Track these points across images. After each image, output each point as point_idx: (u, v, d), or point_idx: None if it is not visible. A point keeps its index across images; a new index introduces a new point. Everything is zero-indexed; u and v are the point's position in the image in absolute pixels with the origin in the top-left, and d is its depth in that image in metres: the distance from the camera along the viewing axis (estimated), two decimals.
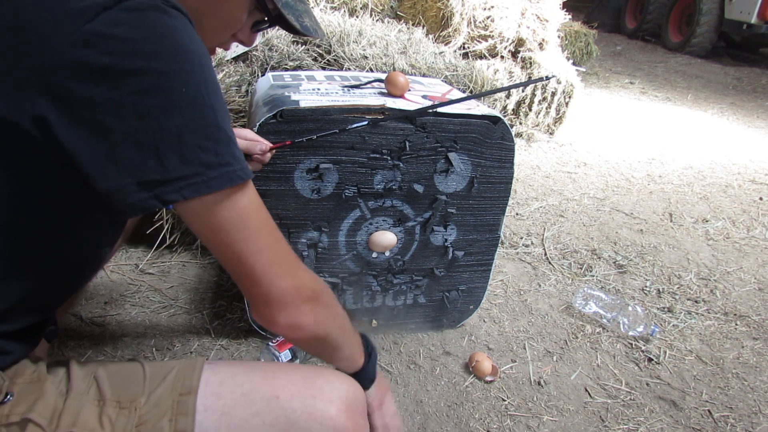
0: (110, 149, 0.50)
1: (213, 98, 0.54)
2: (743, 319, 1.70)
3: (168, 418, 0.60)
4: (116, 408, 0.60)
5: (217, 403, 0.63)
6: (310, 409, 0.64)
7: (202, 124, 0.53)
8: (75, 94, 0.49)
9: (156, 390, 0.62)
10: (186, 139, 0.52)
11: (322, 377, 0.69)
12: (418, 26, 2.67)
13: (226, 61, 1.83)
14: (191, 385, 0.63)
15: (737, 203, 2.63)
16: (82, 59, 0.48)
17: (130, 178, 0.51)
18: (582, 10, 8.63)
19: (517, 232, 2.11)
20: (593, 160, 3.05)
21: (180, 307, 1.49)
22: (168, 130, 0.51)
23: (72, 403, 0.59)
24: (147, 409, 0.61)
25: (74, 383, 0.61)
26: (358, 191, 1.22)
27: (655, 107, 4.53)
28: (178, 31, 0.52)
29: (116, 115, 0.50)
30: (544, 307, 1.67)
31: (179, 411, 0.61)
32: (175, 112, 0.51)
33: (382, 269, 1.35)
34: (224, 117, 0.56)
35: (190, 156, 0.52)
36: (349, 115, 1.13)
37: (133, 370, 0.65)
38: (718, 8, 6.58)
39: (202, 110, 0.53)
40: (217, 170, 0.54)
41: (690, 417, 1.30)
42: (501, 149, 1.26)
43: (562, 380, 1.38)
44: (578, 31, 4.79)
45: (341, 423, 0.64)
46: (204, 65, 0.54)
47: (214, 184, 0.54)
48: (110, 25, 0.49)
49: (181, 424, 0.60)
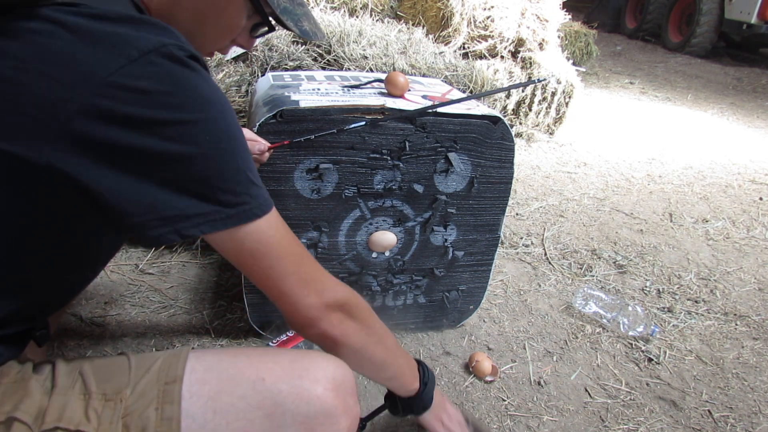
0: (135, 188, 0.55)
1: (234, 143, 0.59)
2: (743, 319, 1.70)
3: (154, 407, 0.60)
4: (102, 401, 0.60)
5: (203, 389, 0.62)
6: (297, 389, 0.63)
7: (223, 169, 0.58)
8: (99, 138, 0.52)
9: (141, 380, 0.62)
10: (208, 182, 0.57)
11: (308, 358, 0.68)
12: (418, 26, 2.67)
13: (226, 61, 1.83)
14: (176, 373, 0.63)
15: (737, 203, 2.63)
16: (107, 107, 0.51)
17: (152, 214, 0.56)
18: (582, 10, 8.63)
19: (517, 232, 2.11)
20: (593, 160, 3.05)
21: (180, 307, 1.49)
22: (192, 174, 0.56)
23: (57, 399, 0.59)
24: (133, 399, 0.61)
25: (59, 380, 0.61)
26: (358, 191, 1.22)
27: (655, 107, 4.53)
28: (200, 83, 0.57)
29: (141, 160, 0.54)
30: (544, 307, 1.67)
31: (165, 400, 0.61)
32: (199, 158, 0.56)
33: (382, 269, 1.35)
34: (244, 156, 0.61)
35: (211, 195, 0.57)
36: (349, 115, 1.13)
37: (119, 362, 0.65)
38: (718, 8, 6.58)
39: (224, 156, 0.58)
40: (234, 209, 0.59)
41: (690, 417, 1.30)
42: (501, 149, 1.26)
43: (562, 380, 1.38)
44: (578, 31, 4.79)
45: (329, 401, 0.63)
46: (225, 112, 0.59)
47: (230, 221, 0.59)
48: (136, 78, 0.52)
49: (168, 412, 0.60)
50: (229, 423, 0.61)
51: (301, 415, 0.62)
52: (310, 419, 0.62)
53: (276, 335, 1.30)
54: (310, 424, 0.62)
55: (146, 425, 0.59)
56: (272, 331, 1.35)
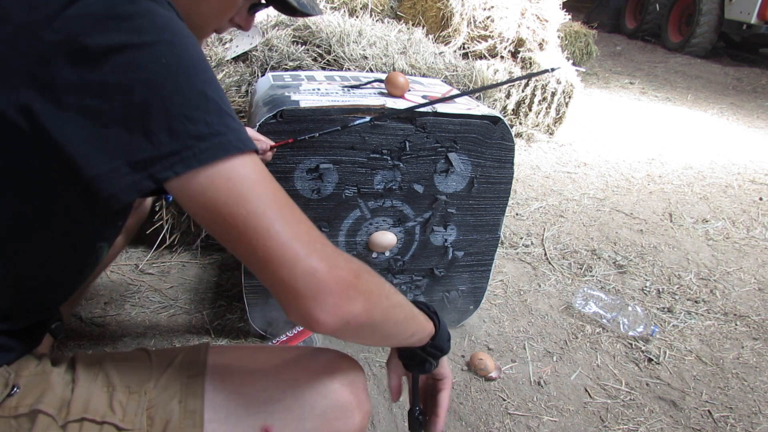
0: (99, 132, 0.49)
1: (198, 69, 0.51)
2: (743, 319, 1.70)
3: (177, 400, 0.61)
4: (126, 393, 0.61)
5: (225, 383, 0.64)
6: (315, 384, 0.65)
7: (187, 95, 0.50)
8: (58, 79, 0.48)
9: (164, 374, 0.63)
10: (172, 110, 0.49)
11: (324, 355, 0.69)
12: (418, 26, 2.67)
13: (226, 61, 1.83)
14: (198, 368, 0.64)
15: (737, 203, 2.63)
16: (62, 43, 0.48)
17: (122, 160, 0.49)
18: (582, 10, 8.63)
19: (517, 232, 2.11)
20: (593, 160, 3.05)
21: (180, 307, 1.49)
22: (153, 104, 0.48)
23: (80, 391, 0.60)
24: (156, 392, 0.62)
25: (80, 373, 0.62)
26: (358, 191, 1.22)
27: (655, 107, 4.53)
28: (158, 10, 0.51)
29: (101, 95, 0.48)
30: (544, 307, 1.67)
31: (188, 393, 0.62)
32: (157, 84, 0.49)
33: (382, 269, 1.35)
34: (214, 88, 0.52)
35: (179, 129, 0.49)
36: (349, 116, 1.13)
37: (140, 357, 0.66)
38: (718, 8, 6.58)
39: (188, 80, 0.50)
40: (208, 141, 0.49)
41: (690, 417, 1.30)
42: (501, 149, 1.26)
43: (562, 380, 1.38)
44: (578, 31, 4.79)
45: (344, 397, 0.65)
46: (185, 37, 0.51)
47: (205, 156, 0.49)
48: (88, 7, 0.48)
49: (191, 405, 0.61)
50: (250, 415, 0.63)
51: (318, 409, 0.64)
52: (327, 413, 0.64)
53: (276, 335, 1.30)
54: (327, 417, 0.64)
55: (170, 418, 0.60)
56: (272, 330, 1.35)
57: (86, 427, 0.58)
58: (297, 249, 0.50)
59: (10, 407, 0.57)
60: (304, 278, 0.49)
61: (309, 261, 0.50)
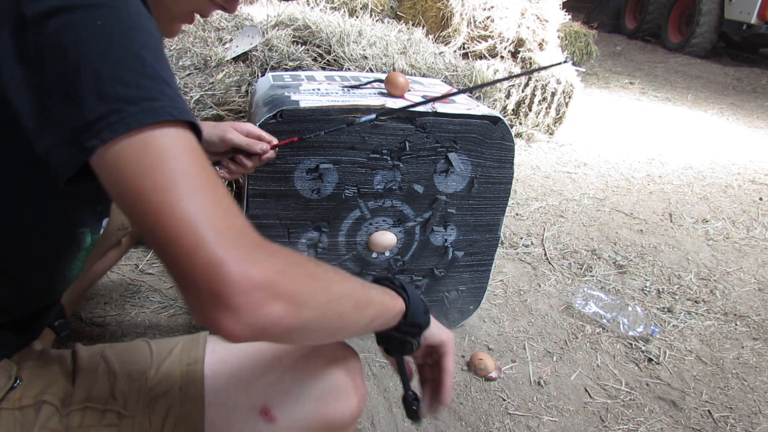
0: (43, 103, 0.45)
1: (139, 34, 0.46)
2: (743, 320, 1.70)
3: (178, 386, 0.63)
4: (127, 381, 0.62)
5: (224, 368, 0.65)
6: (312, 368, 0.66)
7: (121, 56, 0.45)
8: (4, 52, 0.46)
9: (164, 363, 0.64)
10: (102, 72, 0.44)
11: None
12: (418, 26, 2.67)
13: (226, 62, 1.83)
14: (198, 355, 0.65)
15: (737, 203, 2.63)
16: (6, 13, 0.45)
17: (61, 131, 0.44)
18: (582, 10, 8.63)
19: (517, 232, 2.11)
20: (593, 161, 3.05)
21: (180, 307, 1.49)
22: (83, 65, 0.44)
23: (83, 381, 0.61)
24: (157, 380, 0.63)
25: (82, 363, 0.63)
26: (358, 191, 1.22)
27: (655, 107, 4.53)
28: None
29: (39, 64, 0.44)
30: (544, 307, 1.67)
31: (188, 380, 0.63)
32: (89, 45, 0.44)
33: (382, 269, 1.35)
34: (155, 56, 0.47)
35: (109, 91, 0.43)
36: (349, 116, 1.13)
37: (140, 347, 0.67)
38: (718, 8, 6.58)
39: (124, 42, 0.45)
40: (139, 105, 0.43)
41: (690, 417, 1.30)
42: (501, 149, 1.26)
43: (562, 380, 1.38)
44: (578, 31, 4.78)
45: (341, 380, 0.66)
46: (131, 5, 0.47)
47: (133, 120, 0.43)
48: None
49: (192, 391, 0.63)
50: (250, 397, 0.63)
51: (316, 391, 0.65)
52: (325, 395, 0.65)
53: None
54: (325, 399, 0.65)
55: (171, 404, 0.62)
56: None
57: (89, 414, 0.59)
58: (204, 233, 0.41)
59: (14, 399, 0.58)
60: (206, 271, 0.40)
61: (216, 250, 0.40)
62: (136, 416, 0.61)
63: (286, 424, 0.63)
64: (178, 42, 1.86)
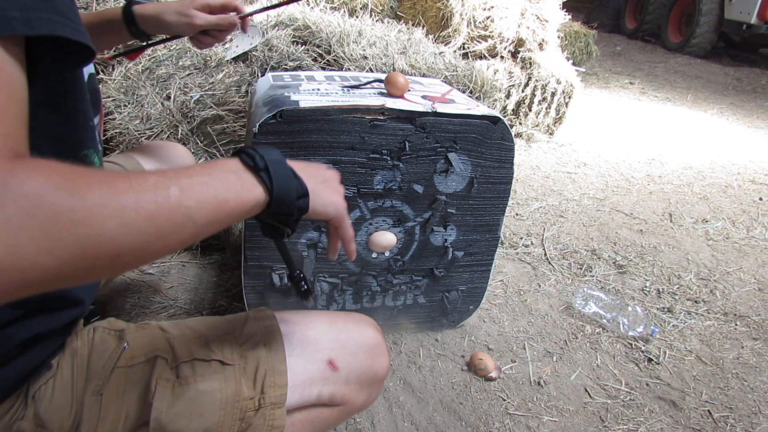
0: None
1: None
2: (743, 320, 1.70)
3: (262, 343, 0.74)
4: (217, 340, 0.72)
5: (294, 328, 0.78)
6: (359, 328, 0.82)
7: None
8: None
9: (244, 327, 0.75)
10: None
11: (355, 314, 0.87)
12: (417, 26, 2.67)
13: (226, 61, 1.83)
14: (271, 320, 0.78)
15: (737, 203, 2.63)
16: None
17: None
18: (582, 11, 8.63)
19: (517, 233, 2.11)
20: (593, 161, 3.05)
21: (180, 308, 1.49)
22: None
23: (178, 342, 0.70)
24: (243, 339, 0.74)
25: (168, 329, 0.72)
26: (357, 191, 1.22)
27: (654, 107, 4.53)
28: None
29: None
30: (543, 307, 1.67)
31: (269, 338, 0.75)
32: None
33: (382, 269, 1.35)
34: None
35: None
36: (349, 116, 1.13)
37: (212, 318, 0.78)
38: (718, 8, 6.58)
39: None
40: None
41: (690, 417, 1.30)
42: (501, 149, 1.26)
43: (561, 380, 1.38)
44: (578, 31, 4.79)
45: (379, 339, 0.83)
46: None
47: None
48: None
49: (274, 347, 0.74)
50: (318, 351, 0.76)
51: (365, 346, 0.80)
52: (371, 349, 0.81)
53: None
54: (371, 353, 0.80)
55: (260, 356, 0.72)
56: None
57: (197, 365, 0.68)
58: None
59: (126, 358, 0.67)
60: None
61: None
62: (234, 365, 0.70)
63: (345, 372, 0.77)
64: (178, 42, 1.86)
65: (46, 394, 0.62)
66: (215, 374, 0.69)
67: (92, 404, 0.63)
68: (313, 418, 0.77)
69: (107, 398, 0.64)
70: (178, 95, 1.70)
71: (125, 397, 0.65)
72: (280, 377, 0.72)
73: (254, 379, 0.71)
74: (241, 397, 0.69)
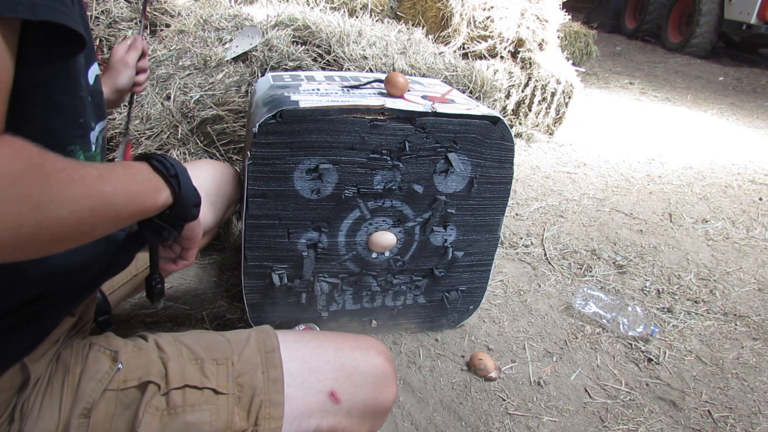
0: None
1: None
2: (743, 320, 1.70)
3: (261, 370, 0.71)
4: (214, 365, 0.69)
5: (297, 355, 0.74)
6: (367, 358, 0.77)
7: None
8: None
9: (244, 350, 0.72)
10: None
11: (366, 338, 0.82)
12: (417, 26, 2.67)
13: (226, 62, 1.83)
14: (273, 344, 0.74)
15: (737, 203, 2.63)
16: None
17: None
18: (582, 11, 8.64)
19: (517, 233, 2.11)
20: (593, 161, 3.05)
21: (180, 307, 1.49)
22: None
23: (173, 364, 0.67)
24: (241, 365, 0.70)
25: (165, 348, 0.69)
26: (357, 191, 1.22)
27: (654, 107, 4.53)
28: None
29: None
30: (543, 307, 1.67)
31: (269, 364, 0.72)
32: None
33: (382, 269, 1.35)
34: None
35: None
36: (349, 116, 1.13)
37: (213, 337, 0.75)
38: (718, 9, 6.58)
39: None
40: None
41: (690, 417, 1.30)
42: (501, 149, 1.26)
43: (561, 380, 1.38)
44: (578, 31, 4.79)
45: (388, 368, 0.78)
46: None
47: None
48: None
49: (273, 375, 0.71)
50: (320, 381, 0.73)
51: (371, 376, 0.76)
52: (378, 380, 0.76)
53: None
54: (377, 384, 0.76)
55: (256, 385, 0.70)
56: None
57: (189, 392, 0.66)
58: None
59: (119, 381, 0.64)
60: None
61: None
62: (228, 394, 0.68)
63: (347, 405, 0.74)
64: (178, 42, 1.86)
65: (33, 412, 0.60)
66: (206, 404, 0.67)
67: (78, 427, 0.61)
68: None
69: (95, 421, 0.62)
70: (178, 95, 1.70)
71: (114, 421, 0.63)
72: (276, 409, 0.70)
73: (248, 410, 0.69)
74: (232, 428, 0.67)
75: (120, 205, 0.50)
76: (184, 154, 1.64)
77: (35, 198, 0.39)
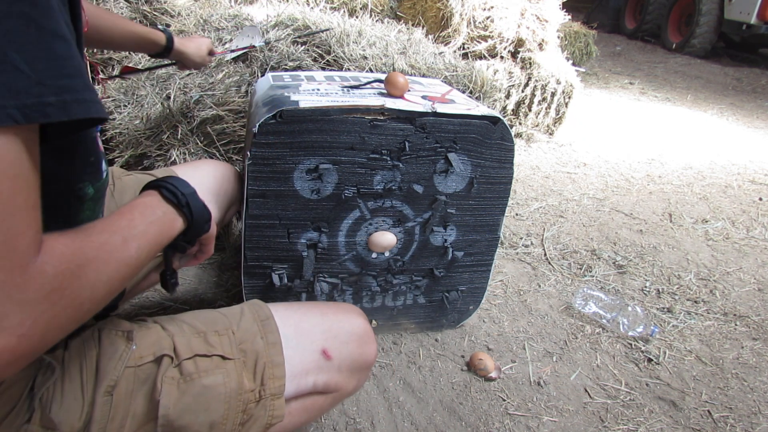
0: None
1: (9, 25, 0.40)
2: (743, 320, 1.70)
3: (260, 336, 0.77)
4: (216, 335, 0.74)
5: (288, 321, 0.81)
6: (349, 319, 0.87)
7: None
8: None
9: (241, 321, 0.78)
10: None
11: (343, 305, 0.93)
12: (417, 26, 2.67)
13: (226, 62, 1.83)
14: (266, 313, 0.81)
15: (737, 203, 2.63)
16: None
17: None
18: (582, 11, 8.64)
19: (517, 233, 2.11)
20: (593, 161, 3.05)
21: (180, 307, 1.49)
22: None
23: (180, 339, 0.72)
24: (241, 333, 0.76)
25: (168, 326, 0.74)
26: (357, 192, 1.22)
27: (654, 107, 4.53)
28: None
29: None
30: (543, 307, 1.67)
31: (266, 330, 0.78)
32: None
33: (382, 270, 1.35)
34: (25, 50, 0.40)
35: None
36: (349, 116, 1.13)
37: (209, 312, 0.80)
38: (718, 9, 6.58)
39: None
40: None
41: (690, 417, 1.30)
42: (501, 149, 1.26)
43: (561, 380, 1.38)
44: (578, 31, 4.79)
45: (367, 328, 0.88)
46: None
47: None
48: None
49: (271, 339, 0.78)
50: (312, 342, 0.81)
51: (355, 335, 0.85)
52: (361, 338, 0.86)
53: None
54: (361, 341, 0.86)
55: (258, 350, 0.75)
56: None
57: (199, 361, 0.71)
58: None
59: (135, 358, 0.68)
60: None
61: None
62: (235, 359, 0.73)
63: (338, 361, 0.82)
64: None
65: (56, 397, 0.62)
66: (217, 369, 0.71)
67: (103, 404, 0.64)
68: (309, 405, 0.82)
69: (117, 398, 0.65)
70: (178, 95, 1.70)
71: (133, 396, 0.67)
72: (278, 369, 0.76)
73: (254, 372, 0.74)
74: (243, 389, 0.72)
75: (144, 258, 0.57)
76: (184, 154, 1.64)
77: (78, 299, 0.47)
